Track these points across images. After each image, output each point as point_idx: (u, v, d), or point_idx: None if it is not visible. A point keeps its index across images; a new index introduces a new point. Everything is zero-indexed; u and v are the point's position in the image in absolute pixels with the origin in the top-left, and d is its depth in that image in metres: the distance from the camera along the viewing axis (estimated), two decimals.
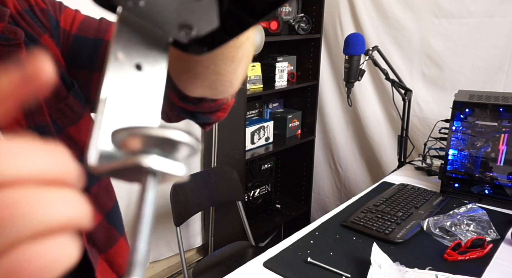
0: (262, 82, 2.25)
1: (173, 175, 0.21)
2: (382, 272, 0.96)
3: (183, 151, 0.21)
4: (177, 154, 0.21)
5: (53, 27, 0.54)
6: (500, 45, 1.79)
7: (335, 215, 1.31)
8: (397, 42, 2.09)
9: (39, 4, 0.53)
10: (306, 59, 2.47)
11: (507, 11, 1.75)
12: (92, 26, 0.58)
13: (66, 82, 0.54)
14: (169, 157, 0.21)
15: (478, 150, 1.37)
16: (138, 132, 0.21)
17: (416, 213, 1.29)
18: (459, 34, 1.89)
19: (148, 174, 0.21)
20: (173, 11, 0.25)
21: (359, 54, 1.50)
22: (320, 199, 2.69)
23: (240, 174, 1.97)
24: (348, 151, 2.47)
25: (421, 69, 2.04)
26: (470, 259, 1.06)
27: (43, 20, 0.53)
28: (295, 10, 2.40)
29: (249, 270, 1.03)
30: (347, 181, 2.53)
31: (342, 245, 1.13)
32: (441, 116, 1.63)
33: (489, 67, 1.84)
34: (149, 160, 0.20)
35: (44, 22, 0.53)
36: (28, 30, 0.50)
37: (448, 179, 1.44)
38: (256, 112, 2.45)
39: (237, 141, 2.13)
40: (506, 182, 1.34)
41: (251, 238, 1.92)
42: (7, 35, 0.46)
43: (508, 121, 1.31)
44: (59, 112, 0.52)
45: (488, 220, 1.19)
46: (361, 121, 2.34)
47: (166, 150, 0.21)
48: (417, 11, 2.00)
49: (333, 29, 2.36)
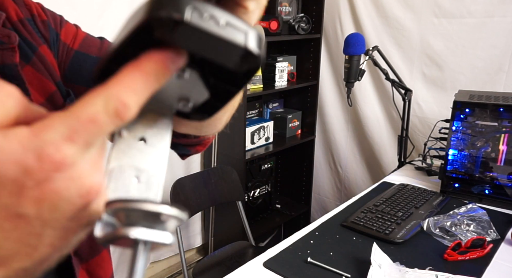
0: (262, 82, 2.25)
1: (161, 243, 0.24)
2: (382, 272, 0.95)
3: (171, 222, 0.24)
4: (166, 224, 0.24)
5: (53, 39, 0.55)
6: (500, 45, 1.79)
7: (335, 215, 1.31)
8: (397, 42, 2.09)
9: (40, 15, 0.55)
10: (306, 59, 2.47)
11: (507, 11, 1.75)
12: (94, 45, 0.60)
13: (62, 92, 0.55)
14: (158, 227, 0.23)
15: (478, 150, 1.37)
16: (127, 205, 0.23)
17: (416, 213, 1.29)
18: (459, 34, 1.89)
19: (137, 244, 0.23)
20: (170, 88, 0.28)
21: (359, 54, 1.50)
22: (320, 199, 2.69)
23: (240, 174, 1.97)
24: (348, 151, 2.47)
25: (421, 69, 2.04)
26: (470, 259, 1.06)
27: (43, 31, 0.54)
28: (295, 10, 2.40)
29: (249, 270, 1.03)
30: (347, 181, 2.53)
31: (342, 245, 1.13)
32: (441, 116, 1.63)
33: (489, 67, 1.84)
34: (136, 231, 0.23)
35: (43, 33, 0.54)
36: (28, 37, 0.51)
37: (448, 179, 1.44)
38: (256, 112, 2.45)
39: (237, 141, 2.13)
40: (506, 182, 1.34)
41: (251, 238, 1.92)
42: (1, 39, 0.46)
43: (508, 121, 1.31)
44: None
45: (488, 220, 1.19)
46: (361, 121, 2.34)
47: (154, 222, 0.23)
48: (417, 11, 2.00)
49: (333, 29, 2.36)
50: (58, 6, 1.69)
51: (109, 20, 1.71)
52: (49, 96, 0.53)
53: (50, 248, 0.23)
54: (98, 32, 1.97)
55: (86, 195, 0.22)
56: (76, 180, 0.21)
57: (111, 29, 1.73)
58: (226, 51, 0.25)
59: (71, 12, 1.62)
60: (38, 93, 0.52)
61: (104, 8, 1.69)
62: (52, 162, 0.20)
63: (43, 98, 0.52)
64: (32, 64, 0.51)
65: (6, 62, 0.46)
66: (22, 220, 0.21)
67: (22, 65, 0.51)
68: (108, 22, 1.72)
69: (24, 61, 0.51)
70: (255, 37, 0.25)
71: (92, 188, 0.22)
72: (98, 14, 1.68)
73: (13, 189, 0.20)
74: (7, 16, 0.50)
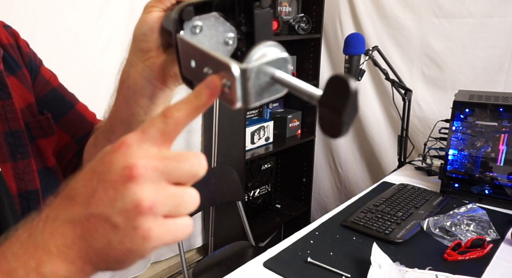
0: None
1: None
2: (382, 272, 0.96)
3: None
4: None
5: (32, 69, 0.62)
6: (500, 45, 1.79)
7: (335, 215, 1.31)
8: (397, 42, 2.09)
9: (25, 47, 0.62)
10: (306, 59, 2.47)
11: (507, 11, 1.75)
12: (69, 93, 0.68)
13: (38, 106, 0.61)
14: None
15: (478, 150, 1.37)
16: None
17: (416, 213, 1.29)
18: (459, 34, 1.88)
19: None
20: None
21: (359, 54, 1.50)
22: (320, 199, 2.69)
23: (240, 174, 1.97)
24: (348, 151, 2.47)
25: (421, 69, 2.04)
26: (470, 259, 1.06)
27: (25, 58, 0.61)
28: (295, 10, 2.40)
29: (249, 270, 1.03)
30: (347, 181, 2.53)
31: (342, 245, 1.13)
32: (441, 116, 1.63)
33: (489, 67, 1.83)
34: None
35: (25, 60, 0.61)
36: (14, 57, 0.58)
37: (448, 179, 1.44)
38: (256, 112, 2.45)
39: (237, 141, 2.13)
40: (506, 182, 1.34)
41: (251, 238, 1.92)
42: None
43: (508, 121, 1.31)
44: (36, 122, 0.58)
45: (488, 220, 1.19)
46: (361, 121, 2.34)
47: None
48: (417, 11, 2.00)
49: (333, 29, 2.36)
50: (58, 6, 1.69)
51: (108, 20, 1.72)
52: (28, 105, 0.58)
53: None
54: (97, 31, 1.97)
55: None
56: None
57: (110, 29, 1.73)
58: None
59: (71, 12, 1.64)
60: (21, 100, 0.57)
61: (104, 9, 1.69)
62: None
63: (23, 105, 0.57)
64: (17, 77, 0.57)
65: None
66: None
67: (7, 75, 0.55)
68: (108, 22, 1.72)
69: (9, 72, 0.56)
70: None
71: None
72: (97, 14, 1.68)
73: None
74: None
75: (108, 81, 1.74)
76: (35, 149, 0.57)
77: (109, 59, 1.74)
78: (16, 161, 0.52)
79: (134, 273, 2.12)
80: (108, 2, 1.70)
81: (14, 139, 0.52)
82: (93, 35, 1.68)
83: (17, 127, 0.53)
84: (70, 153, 0.65)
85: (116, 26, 1.75)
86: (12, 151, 0.52)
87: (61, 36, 1.58)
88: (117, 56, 1.78)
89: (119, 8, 1.74)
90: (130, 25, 1.80)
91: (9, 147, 0.51)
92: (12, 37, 0.60)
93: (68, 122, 0.64)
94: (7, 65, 0.56)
